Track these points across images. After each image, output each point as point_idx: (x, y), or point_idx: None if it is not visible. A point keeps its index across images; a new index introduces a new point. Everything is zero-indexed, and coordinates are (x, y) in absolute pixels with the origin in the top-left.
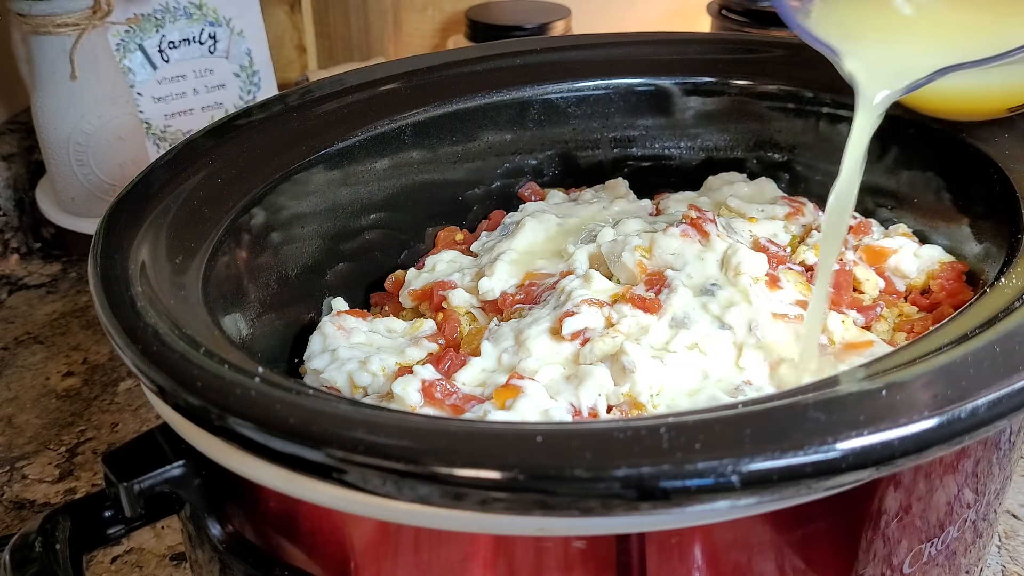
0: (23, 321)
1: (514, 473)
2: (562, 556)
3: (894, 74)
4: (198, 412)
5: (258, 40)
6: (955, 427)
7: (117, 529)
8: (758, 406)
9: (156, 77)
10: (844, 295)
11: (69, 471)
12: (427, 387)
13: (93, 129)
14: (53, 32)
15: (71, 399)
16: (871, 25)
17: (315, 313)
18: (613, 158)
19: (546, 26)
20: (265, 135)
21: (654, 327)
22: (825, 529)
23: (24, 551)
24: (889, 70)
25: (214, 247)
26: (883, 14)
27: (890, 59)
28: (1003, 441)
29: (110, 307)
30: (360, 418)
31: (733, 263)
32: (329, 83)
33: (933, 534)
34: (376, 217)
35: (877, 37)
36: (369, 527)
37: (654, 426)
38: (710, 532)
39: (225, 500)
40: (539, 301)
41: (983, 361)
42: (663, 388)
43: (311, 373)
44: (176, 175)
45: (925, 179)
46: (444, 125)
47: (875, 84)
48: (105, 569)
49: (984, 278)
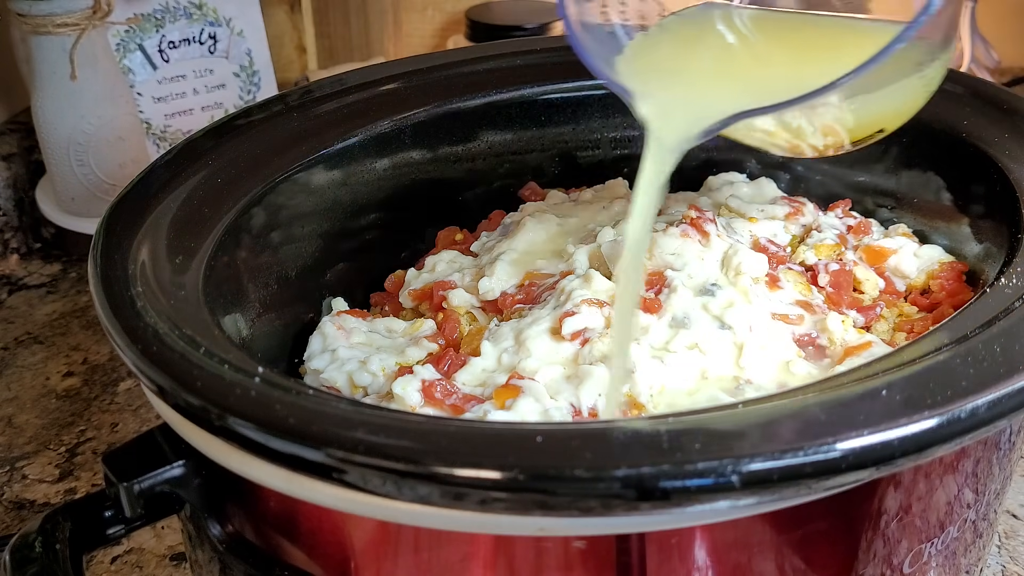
0: (23, 321)
1: (514, 473)
2: (562, 556)
3: (687, 120)
4: (198, 412)
5: (258, 40)
6: (955, 427)
7: (117, 529)
8: (758, 406)
9: (156, 77)
10: (844, 295)
11: (69, 471)
12: (427, 387)
13: (93, 129)
14: (53, 32)
15: (71, 399)
16: (676, 68)
17: (315, 313)
18: (613, 158)
19: (546, 26)
20: (265, 135)
21: (654, 327)
22: (825, 529)
23: (24, 551)
24: (682, 116)
25: (214, 247)
26: (691, 58)
27: (685, 104)
28: (1003, 441)
29: (110, 307)
30: (360, 418)
31: (734, 263)
32: (329, 83)
33: (933, 534)
34: (376, 217)
35: (678, 81)
36: (369, 527)
37: (654, 426)
38: (710, 532)
39: (225, 500)
40: (539, 301)
41: (983, 361)
42: (663, 388)
43: (311, 373)
44: (176, 175)
45: (925, 179)
46: (444, 125)
47: (668, 129)
48: (105, 569)
49: (984, 278)
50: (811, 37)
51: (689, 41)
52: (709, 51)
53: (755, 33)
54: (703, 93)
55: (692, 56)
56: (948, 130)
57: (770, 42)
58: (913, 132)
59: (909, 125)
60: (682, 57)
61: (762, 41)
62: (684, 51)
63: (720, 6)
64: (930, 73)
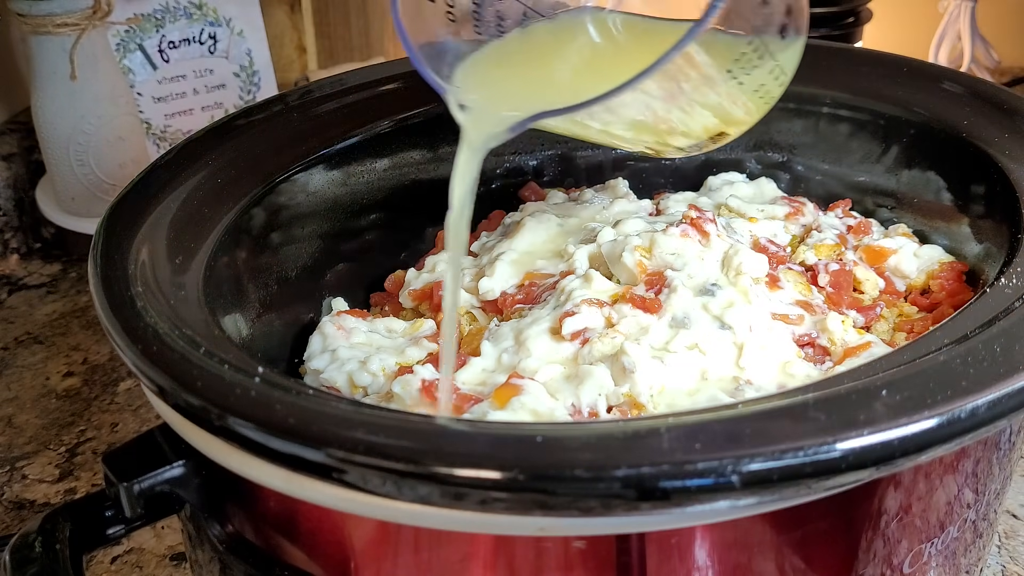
0: (23, 321)
1: (514, 473)
2: (562, 556)
3: (493, 122)
4: (198, 412)
5: (258, 40)
6: (955, 427)
7: (117, 529)
8: (758, 406)
9: (156, 77)
10: (844, 295)
11: (69, 471)
12: (427, 387)
13: (93, 129)
14: (53, 32)
15: (71, 399)
16: (498, 76)
17: (315, 313)
18: (613, 158)
19: None
20: (265, 135)
21: (654, 327)
22: (825, 529)
23: (24, 551)
24: (490, 118)
25: (214, 247)
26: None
27: (492, 107)
28: (1003, 441)
29: (110, 307)
30: (360, 418)
31: (734, 263)
32: (329, 83)
33: (933, 534)
34: (376, 217)
35: (492, 89)
36: (369, 527)
37: (654, 426)
38: (710, 532)
39: (225, 500)
40: (539, 301)
41: (983, 361)
42: (663, 388)
43: (311, 373)
44: (176, 175)
45: (925, 179)
46: (444, 125)
47: (478, 130)
48: (105, 569)
49: (984, 278)
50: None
51: (511, 52)
52: (523, 60)
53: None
54: (508, 98)
55: (518, 64)
56: (948, 130)
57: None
58: (913, 132)
59: (909, 125)
60: (510, 65)
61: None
62: (500, 61)
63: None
64: (754, 80)
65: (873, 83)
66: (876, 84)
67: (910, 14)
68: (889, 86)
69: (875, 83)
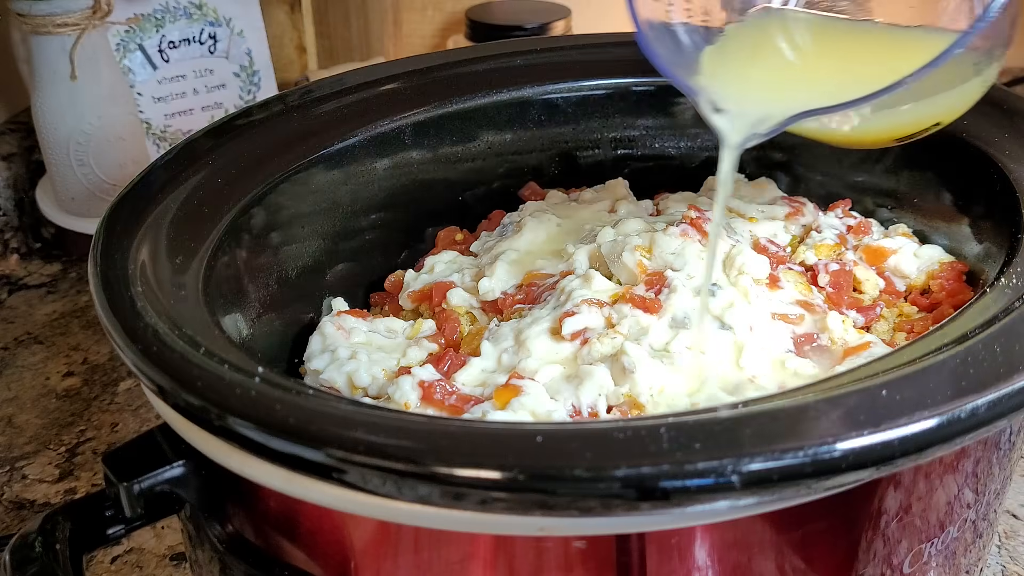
0: (23, 321)
1: (514, 473)
2: (562, 556)
3: (752, 122)
4: (198, 412)
5: (258, 40)
6: (955, 427)
7: (117, 529)
8: (758, 406)
9: (156, 77)
10: (844, 295)
11: (69, 471)
12: (426, 388)
13: (93, 129)
14: (53, 32)
15: (71, 399)
16: (743, 73)
17: (315, 313)
18: (613, 158)
19: (546, 26)
20: (265, 135)
21: (654, 327)
22: (825, 529)
23: (24, 551)
24: (748, 118)
25: (214, 247)
26: (757, 63)
27: (751, 108)
28: (1003, 441)
29: (110, 307)
30: (360, 418)
31: (736, 263)
32: (329, 83)
33: (933, 534)
34: (376, 217)
35: (742, 89)
36: (369, 527)
37: (654, 426)
38: (710, 532)
39: (225, 500)
40: (539, 301)
41: (983, 361)
42: (663, 388)
43: (311, 373)
44: (176, 175)
45: (925, 179)
46: (444, 125)
47: (735, 132)
48: (105, 569)
49: (984, 278)
50: (863, 43)
51: (754, 49)
52: (770, 58)
53: (810, 39)
54: (768, 98)
55: (757, 65)
56: (948, 130)
57: (826, 47)
58: None
59: None
60: (749, 65)
61: (818, 46)
62: (749, 61)
63: (777, 12)
64: (988, 72)
65: None
66: None
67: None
68: None
69: None
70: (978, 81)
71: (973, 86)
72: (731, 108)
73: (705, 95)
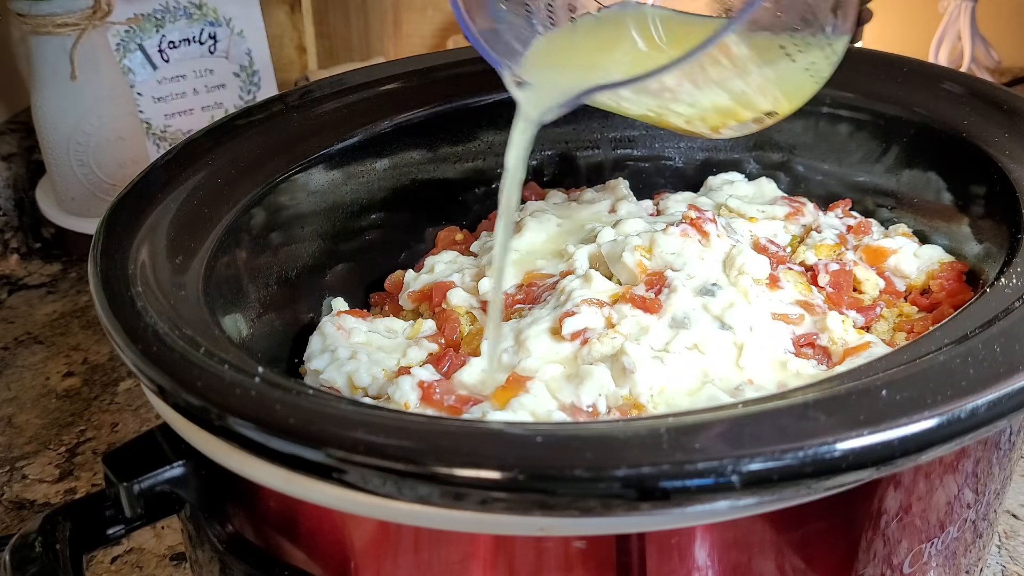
0: (23, 321)
1: (514, 473)
2: (562, 556)
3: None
4: (198, 412)
5: (258, 40)
6: (955, 427)
7: (117, 529)
8: (758, 406)
9: (156, 77)
10: (844, 295)
11: (69, 471)
12: (426, 388)
13: (93, 129)
14: (53, 32)
15: (71, 399)
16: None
17: (315, 313)
18: (613, 158)
19: None
20: (265, 135)
21: (654, 327)
22: (825, 529)
23: (24, 551)
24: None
25: (214, 247)
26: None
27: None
28: (1003, 441)
29: (110, 307)
30: (360, 418)
31: (737, 263)
32: (329, 83)
33: (933, 534)
34: (376, 217)
35: (548, 69)
36: (369, 527)
37: (654, 426)
38: (710, 532)
39: (225, 500)
40: (539, 301)
41: (983, 361)
42: (663, 388)
43: (311, 373)
44: (176, 175)
45: (925, 179)
46: (444, 125)
47: (533, 104)
48: (105, 569)
49: (984, 278)
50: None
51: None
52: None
53: (663, 35)
54: (563, 76)
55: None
56: (948, 130)
57: (679, 41)
58: (913, 132)
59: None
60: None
61: (671, 39)
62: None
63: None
64: (810, 58)
65: (873, 83)
66: (876, 84)
67: (910, 14)
68: (889, 86)
69: (875, 83)
70: (798, 68)
71: (793, 73)
72: (532, 81)
73: (510, 69)
